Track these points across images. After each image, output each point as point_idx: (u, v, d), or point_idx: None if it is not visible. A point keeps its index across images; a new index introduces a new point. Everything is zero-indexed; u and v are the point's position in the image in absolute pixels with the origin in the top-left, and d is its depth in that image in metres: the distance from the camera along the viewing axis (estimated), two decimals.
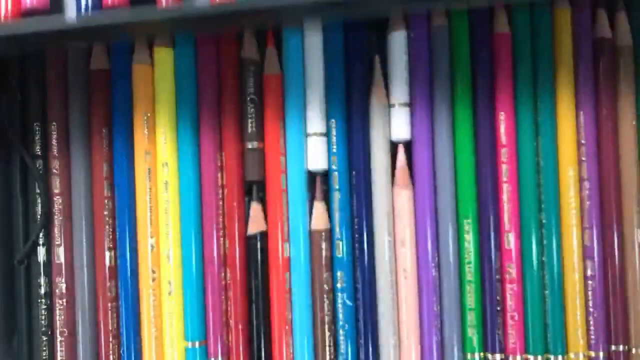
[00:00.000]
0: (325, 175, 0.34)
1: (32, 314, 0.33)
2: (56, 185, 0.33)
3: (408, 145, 0.34)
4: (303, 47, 0.33)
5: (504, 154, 0.33)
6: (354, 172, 0.33)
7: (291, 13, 0.29)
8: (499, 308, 0.33)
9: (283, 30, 0.33)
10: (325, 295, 0.33)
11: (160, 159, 0.33)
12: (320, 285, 0.33)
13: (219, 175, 0.33)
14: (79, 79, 0.33)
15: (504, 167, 0.33)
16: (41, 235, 0.33)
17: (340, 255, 0.33)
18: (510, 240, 0.33)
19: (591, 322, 0.33)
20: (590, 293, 0.33)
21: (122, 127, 0.33)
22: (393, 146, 0.34)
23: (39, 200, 0.33)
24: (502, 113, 0.33)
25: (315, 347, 0.33)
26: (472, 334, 0.33)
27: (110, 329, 0.33)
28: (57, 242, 0.33)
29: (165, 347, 0.33)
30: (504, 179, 0.33)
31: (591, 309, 0.33)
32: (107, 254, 0.33)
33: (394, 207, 0.33)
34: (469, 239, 0.33)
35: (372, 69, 0.34)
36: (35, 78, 0.33)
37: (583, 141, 0.33)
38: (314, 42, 0.33)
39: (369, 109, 0.33)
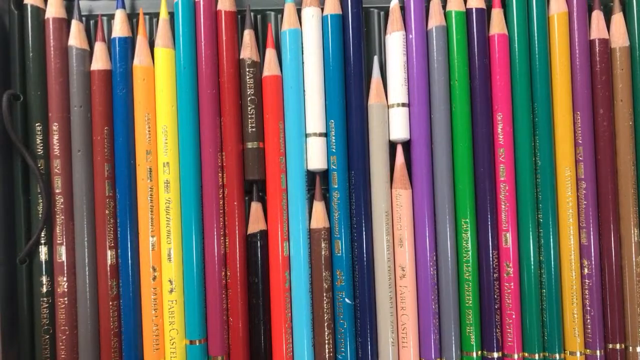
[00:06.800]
0: (325, 174, 0.34)
1: (34, 312, 0.33)
2: (57, 184, 0.33)
3: (406, 145, 0.34)
4: (302, 48, 0.34)
5: (502, 153, 0.33)
6: (353, 172, 0.33)
7: None
8: (496, 306, 0.33)
9: (282, 31, 0.34)
10: (324, 294, 0.33)
11: (161, 159, 0.33)
12: (320, 283, 0.33)
13: (220, 174, 0.33)
14: (81, 78, 0.33)
15: (501, 167, 0.33)
16: (43, 234, 0.33)
17: (339, 254, 0.33)
18: (508, 240, 0.33)
19: (588, 321, 0.33)
20: (587, 292, 0.34)
21: (123, 127, 0.33)
22: (392, 146, 0.34)
23: (40, 200, 0.33)
24: (500, 113, 0.33)
25: (314, 345, 0.33)
26: (470, 332, 0.33)
27: (112, 327, 0.33)
28: (58, 241, 0.33)
29: (166, 345, 0.33)
30: (502, 178, 0.33)
31: (588, 308, 0.34)
32: (109, 252, 0.33)
33: (393, 206, 0.33)
34: (467, 238, 0.33)
35: (371, 69, 0.34)
36: (37, 78, 0.33)
37: (580, 141, 0.34)
38: (312, 43, 0.33)
39: (367, 110, 0.34)
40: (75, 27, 0.34)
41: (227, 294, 0.33)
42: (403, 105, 0.33)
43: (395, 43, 0.34)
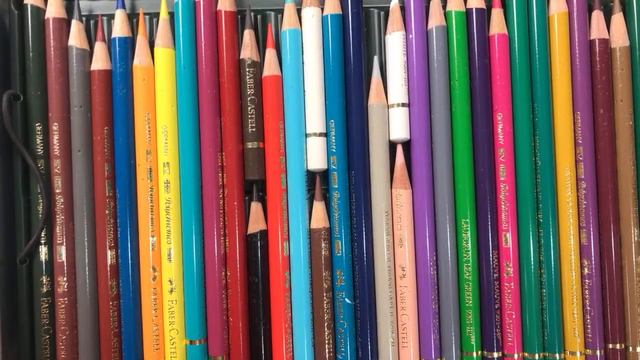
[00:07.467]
0: (325, 174, 0.34)
1: (34, 312, 0.33)
2: (57, 184, 0.33)
3: (406, 145, 0.34)
4: (302, 48, 0.34)
5: (502, 154, 0.33)
6: (353, 172, 0.33)
7: None
8: (496, 306, 0.33)
9: (282, 31, 0.34)
10: (324, 294, 0.33)
11: (161, 159, 0.33)
12: (320, 283, 0.33)
13: (220, 174, 0.33)
14: (81, 78, 0.33)
15: (501, 167, 0.33)
16: (43, 234, 0.33)
17: (339, 254, 0.33)
18: (508, 240, 0.33)
19: (588, 321, 0.33)
20: (587, 292, 0.34)
21: (123, 127, 0.33)
22: (392, 146, 0.34)
23: (40, 200, 0.33)
24: (500, 113, 0.33)
25: (314, 345, 0.33)
26: (470, 332, 0.33)
27: (112, 327, 0.33)
28: (58, 241, 0.33)
29: (166, 345, 0.33)
30: (502, 178, 0.33)
31: (588, 308, 0.34)
32: (109, 252, 0.33)
33: (393, 206, 0.33)
34: (467, 238, 0.33)
35: (371, 69, 0.34)
36: (37, 78, 0.33)
37: (580, 141, 0.34)
38: (312, 43, 0.33)
39: (367, 110, 0.34)
40: (75, 27, 0.34)
41: (227, 294, 0.33)
42: (403, 105, 0.33)
43: (395, 43, 0.34)
